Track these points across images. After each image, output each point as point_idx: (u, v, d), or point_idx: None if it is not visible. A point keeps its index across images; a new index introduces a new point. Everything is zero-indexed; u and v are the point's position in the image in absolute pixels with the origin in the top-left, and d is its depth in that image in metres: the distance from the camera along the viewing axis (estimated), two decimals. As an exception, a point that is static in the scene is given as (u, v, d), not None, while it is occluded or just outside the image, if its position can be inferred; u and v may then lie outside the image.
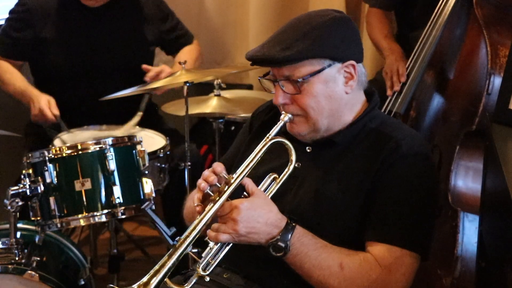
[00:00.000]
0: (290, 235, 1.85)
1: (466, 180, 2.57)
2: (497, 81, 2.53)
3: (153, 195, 2.73)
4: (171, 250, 1.82)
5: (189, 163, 3.03)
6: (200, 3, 4.22)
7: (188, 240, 1.82)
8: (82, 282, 2.75)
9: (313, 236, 1.89)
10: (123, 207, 2.66)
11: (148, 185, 2.72)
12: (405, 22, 3.37)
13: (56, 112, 3.17)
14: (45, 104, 3.17)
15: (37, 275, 2.50)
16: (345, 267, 1.86)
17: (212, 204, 1.86)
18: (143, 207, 1.86)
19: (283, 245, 1.84)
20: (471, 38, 2.73)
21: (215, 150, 3.56)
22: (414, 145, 1.97)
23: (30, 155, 2.65)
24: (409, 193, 1.93)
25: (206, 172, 1.91)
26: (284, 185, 1.97)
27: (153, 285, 1.76)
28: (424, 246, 1.96)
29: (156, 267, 1.79)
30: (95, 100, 3.22)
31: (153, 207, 1.78)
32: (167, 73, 3.30)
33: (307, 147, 2.05)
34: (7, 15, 3.42)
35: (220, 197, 1.86)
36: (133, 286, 1.76)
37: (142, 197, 2.72)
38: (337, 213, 1.95)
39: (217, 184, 1.88)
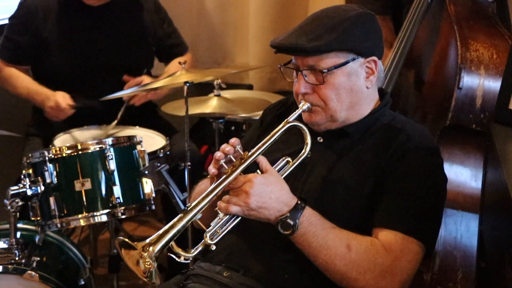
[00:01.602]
0: (299, 214, 1.87)
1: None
2: (468, 76, 2.54)
3: (153, 195, 2.73)
4: (181, 214, 1.85)
5: (189, 163, 3.03)
6: (200, 3, 4.22)
7: (199, 206, 1.85)
8: (82, 282, 2.75)
9: (321, 217, 1.91)
10: (123, 207, 2.66)
11: (148, 185, 2.72)
12: (395, 25, 3.39)
13: (71, 102, 3.19)
14: (61, 98, 3.19)
15: (37, 275, 2.50)
16: (352, 248, 1.87)
17: (225, 176, 1.89)
18: (158, 169, 1.89)
19: (292, 222, 1.86)
20: (444, 35, 2.75)
21: (215, 150, 3.56)
22: (425, 140, 2.02)
23: (30, 155, 2.65)
24: (420, 184, 1.95)
25: (224, 144, 1.94)
26: (294, 173, 2.00)
27: (161, 244, 1.80)
28: (430, 237, 1.98)
29: (166, 227, 1.82)
30: (95, 100, 3.22)
31: (168, 167, 1.82)
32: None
33: (318, 138, 2.07)
34: (7, 15, 3.42)
35: (234, 170, 1.89)
36: (142, 242, 1.79)
37: (142, 197, 2.72)
38: (345, 201, 1.97)
39: (232, 159, 1.91)
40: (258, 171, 1.92)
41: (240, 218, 1.89)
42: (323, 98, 1.99)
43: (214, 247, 1.87)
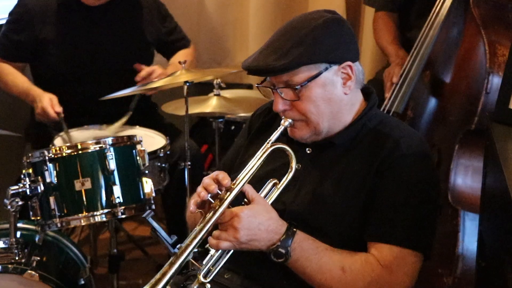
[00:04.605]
0: (290, 241, 1.86)
1: (466, 179, 2.57)
2: (495, 80, 2.53)
3: (153, 194, 2.73)
4: (172, 258, 1.82)
5: (189, 163, 3.03)
6: (200, 3, 4.22)
7: (189, 248, 1.83)
8: (82, 282, 2.75)
9: (314, 240, 1.89)
10: (123, 207, 2.66)
11: (148, 185, 2.72)
12: (402, 23, 3.37)
13: (59, 109, 3.17)
14: (47, 103, 3.17)
15: (37, 274, 2.50)
16: (347, 270, 1.87)
17: (213, 212, 1.86)
18: (144, 215, 1.86)
19: (283, 251, 1.85)
20: (468, 38, 2.73)
21: (215, 149, 3.56)
22: (413, 144, 1.97)
23: (30, 154, 2.65)
24: (409, 193, 1.92)
25: (207, 180, 1.89)
26: (285, 187, 1.97)
27: None
28: (426, 245, 1.96)
29: (158, 276, 1.79)
30: (95, 100, 3.22)
31: (153, 213, 1.80)
32: (159, 73, 3.30)
33: (307, 149, 2.05)
34: (6, 15, 3.41)
35: (221, 205, 1.85)
36: None
37: (142, 196, 2.72)
38: (337, 213, 1.94)
39: (218, 191, 1.88)
40: (245, 199, 1.89)
41: (232, 251, 1.87)
42: (302, 113, 1.96)
43: (208, 286, 1.85)
